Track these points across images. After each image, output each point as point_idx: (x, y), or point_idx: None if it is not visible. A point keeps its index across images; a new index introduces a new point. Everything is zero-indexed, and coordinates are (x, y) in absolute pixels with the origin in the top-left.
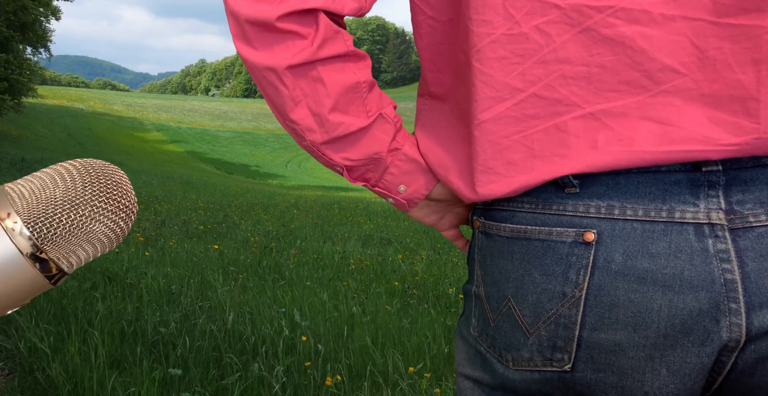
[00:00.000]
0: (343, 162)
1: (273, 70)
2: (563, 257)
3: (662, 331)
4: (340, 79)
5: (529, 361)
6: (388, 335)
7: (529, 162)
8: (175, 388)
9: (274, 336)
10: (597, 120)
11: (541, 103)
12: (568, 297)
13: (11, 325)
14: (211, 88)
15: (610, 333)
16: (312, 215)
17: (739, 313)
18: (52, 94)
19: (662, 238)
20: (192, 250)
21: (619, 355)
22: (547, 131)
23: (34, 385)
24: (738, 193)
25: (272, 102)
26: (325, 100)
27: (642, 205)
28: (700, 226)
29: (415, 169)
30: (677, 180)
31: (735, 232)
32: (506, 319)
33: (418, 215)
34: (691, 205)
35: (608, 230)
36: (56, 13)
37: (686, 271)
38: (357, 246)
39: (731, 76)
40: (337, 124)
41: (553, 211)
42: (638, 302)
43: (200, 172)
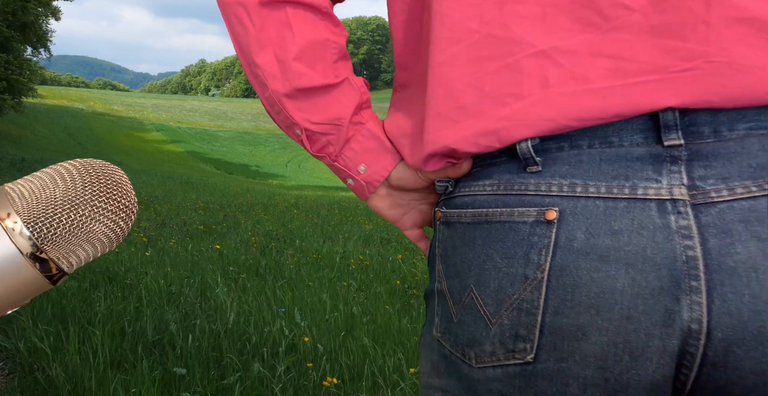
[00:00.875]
0: (303, 123)
1: (242, 5)
2: (525, 238)
3: (625, 313)
4: (310, 31)
5: (492, 355)
6: (388, 335)
7: (479, 104)
8: (176, 388)
9: (274, 336)
10: (548, 57)
11: (495, 44)
12: (530, 280)
13: (11, 325)
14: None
15: (572, 316)
16: (312, 215)
17: (700, 290)
18: (52, 94)
19: (625, 215)
20: (192, 250)
21: (581, 341)
22: (499, 71)
23: (34, 385)
24: (700, 168)
25: (238, 43)
26: (291, 46)
27: (605, 181)
28: (663, 202)
29: (378, 146)
30: (640, 155)
31: (697, 208)
32: (469, 312)
33: (378, 205)
34: (654, 182)
35: (570, 208)
36: (56, 13)
37: (649, 248)
38: (357, 246)
39: (680, 3)
40: (300, 73)
41: (515, 191)
42: (600, 282)
43: (200, 172)
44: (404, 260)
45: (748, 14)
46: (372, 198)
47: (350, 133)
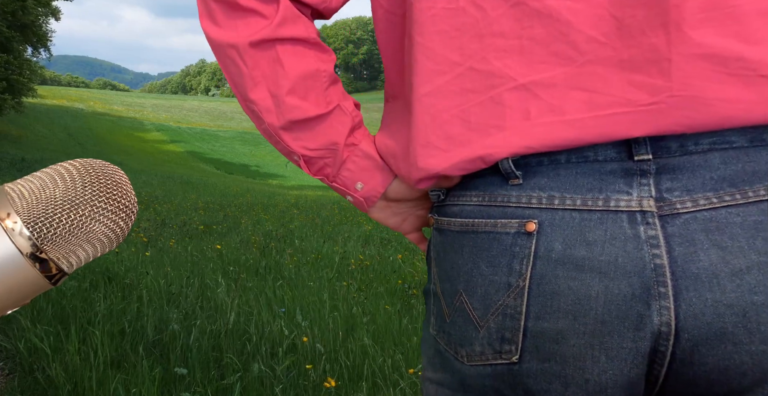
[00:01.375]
0: (301, 150)
1: (235, 47)
2: (507, 248)
3: (600, 318)
4: (300, 64)
5: (481, 354)
6: (388, 335)
7: (466, 135)
8: (176, 388)
9: (274, 336)
10: (528, 91)
11: (478, 77)
12: (513, 287)
13: (11, 325)
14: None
15: (552, 321)
16: (312, 215)
17: (668, 296)
18: (52, 94)
19: (599, 226)
20: (192, 250)
21: (561, 344)
22: (483, 104)
23: (34, 385)
24: (667, 181)
25: (233, 81)
26: (283, 81)
27: (580, 194)
28: (633, 213)
29: (372, 166)
30: (612, 169)
31: (664, 219)
32: (459, 314)
33: (379, 217)
34: (625, 194)
35: (548, 220)
36: (56, 13)
37: (620, 258)
38: (357, 246)
39: (645, 40)
40: (293, 106)
41: (498, 202)
42: (577, 290)
43: (200, 172)
44: (404, 260)
45: (706, 50)
46: (371, 210)
47: (345, 154)
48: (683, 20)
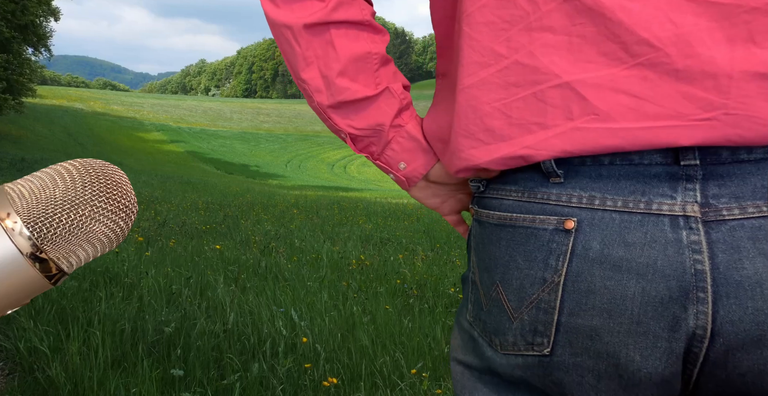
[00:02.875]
0: (348, 129)
1: (290, 28)
2: (545, 244)
3: (635, 318)
4: (352, 46)
5: (513, 345)
6: (388, 335)
7: (507, 130)
8: (176, 388)
9: (274, 336)
10: (572, 90)
11: (523, 71)
12: (548, 282)
13: (11, 325)
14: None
15: (586, 318)
16: (312, 215)
17: (706, 301)
18: (52, 94)
19: (639, 229)
20: (192, 250)
21: (595, 340)
22: (526, 99)
23: (34, 385)
24: (714, 187)
25: (288, 59)
26: (334, 63)
27: (622, 196)
28: (676, 218)
29: (416, 147)
30: (657, 173)
31: (708, 225)
32: (495, 304)
33: (419, 195)
34: (669, 198)
35: (588, 219)
36: (56, 13)
37: (659, 261)
38: (357, 246)
39: (705, 52)
40: (343, 88)
41: (538, 199)
42: (613, 289)
43: (200, 172)
44: (404, 260)
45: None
46: (412, 189)
47: (390, 135)
48: (752, 37)
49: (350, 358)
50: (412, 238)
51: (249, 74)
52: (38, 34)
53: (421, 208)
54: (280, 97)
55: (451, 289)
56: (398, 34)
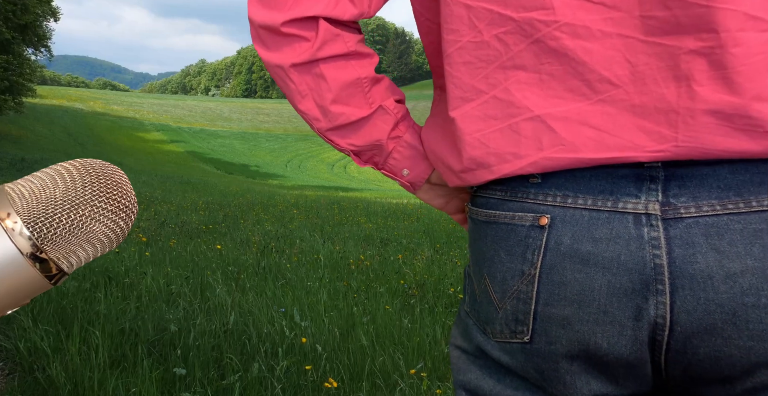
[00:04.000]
0: (349, 147)
1: (281, 68)
2: (522, 239)
3: (602, 308)
4: (341, 75)
5: (501, 333)
6: (388, 335)
7: (485, 159)
8: (176, 388)
9: (274, 336)
10: (543, 123)
11: (500, 105)
12: (526, 275)
13: (11, 325)
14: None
15: (559, 308)
16: (312, 215)
17: (664, 293)
18: (52, 94)
19: (605, 225)
20: (192, 250)
21: (567, 329)
22: (503, 131)
23: (34, 385)
24: (675, 187)
25: (285, 93)
26: (327, 93)
27: (591, 195)
28: (639, 215)
29: (416, 155)
30: (625, 175)
31: (667, 222)
32: (484, 295)
33: (425, 197)
34: (634, 197)
35: (560, 216)
36: (56, 13)
37: (623, 255)
38: (357, 246)
39: (657, 89)
40: (338, 114)
41: (518, 198)
42: (582, 281)
43: (200, 172)
44: (404, 260)
45: (712, 107)
46: (418, 192)
47: (390, 147)
48: (692, 76)
49: (350, 358)
50: (413, 238)
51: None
52: (38, 34)
53: (421, 208)
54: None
55: (451, 289)
56: (398, 34)
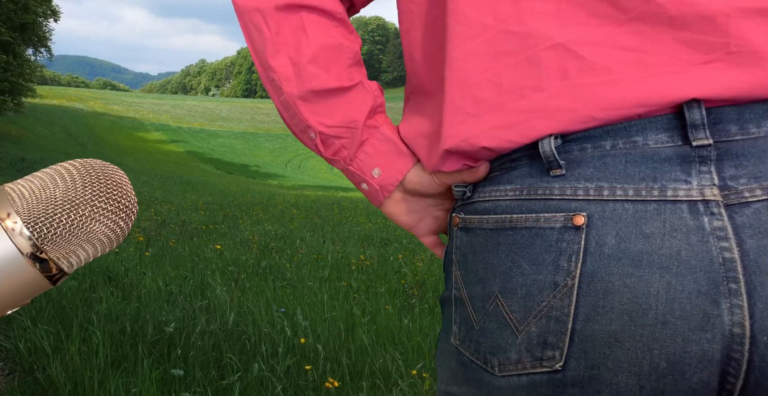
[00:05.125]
0: (318, 126)
1: (260, 11)
2: (553, 244)
3: (660, 318)
4: (324, 35)
5: (518, 363)
6: (388, 335)
7: (497, 98)
8: (176, 388)
9: (274, 336)
10: (567, 50)
11: (512, 39)
12: (560, 287)
13: (11, 325)
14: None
15: (604, 323)
16: (312, 215)
17: (740, 293)
18: (52, 94)
19: (656, 218)
20: (192, 250)
21: (614, 348)
22: (517, 66)
23: (34, 385)
24: (731, 168)
25: (255, 49)
26: (306, 49)
27: (632, 184)
28: (695, 203)
29: (392, 150)
30: (667, 156)
31: (731, 209)
32: (492, 319)
33: (393, 211)
34: (683, 183)
35: (598, 212)
36: (56, 13)
37: (683, 251)
38: (357, 246)
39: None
40: (313, 75)
41: (539, 195)
42: (634, 287)
43: (200, 172)
44: (404, 260)
45: (764, 5)
46: (386, 203)
47: (364, 136)
48: None
49: (350, 358)
50: (413, 238)
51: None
52: (38, 34)
53: None
54: None
55: None
56: (398, 34)
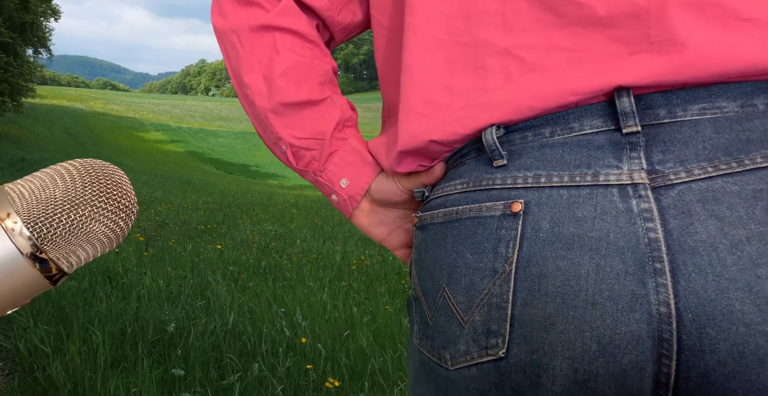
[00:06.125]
0: (288, 138)
1: (235, 32)
2: (493, 231)
3: (590, 299)
4: (296, 55)
5: (466, 354)
6: (388, 335)
7: (448, 100)
8: (176, 388)
9: (275, 335)
10: (511, 54)
11: (462, 49)
12: (499, 273)
13: (11, 325)
14: (211, 88)
15: (540, 307)
16: (312, 215)
17: (664, 272)
18: (52, 94)
19: (588, 202)
20: (192, 250)
21: (549, 331)
22: (466, 71)
23: (34, 385)
24: (659, 153)
25: (231, 67)
26: (277, 65)
27: (567, 171)
28: (624, 187)
29: (359, 161)
30: (600, 144)
31: (657, 191)
32: (442, 313)
33: (363, 222)
34: (615, 168)
35: (535, 199)
36: (56, 12)
37: (612, 233)
38: (357, 246)
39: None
40: (283, 88)
41: (483, 186)
42: (566, 270)
43: (200, 172)
44: None
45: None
46: (356, 214)
47: (333, 148)
48: None
49: (350, 358)
50: None
51: None
52: (38, 35)
53: None
54: None
55: None
56: None
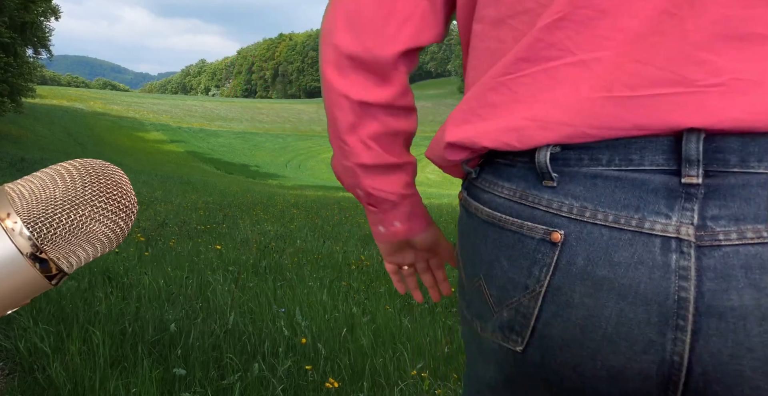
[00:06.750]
0: (368, 188)
1: (348, 98)
2: (530, 252)
3: (607, 337)
4: (392, 124)
5: (492, 333)
6: (388, 335)
7: (510, 106)
8: (176, 388)
9: (275, 335)
10: (585, 66)
11: (534, 48)
12: (530, 290)
13: (11, 325)
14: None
15: (560, 330)
16: (312, 215)
17: (686, 330)
18: (52, 94)
19: (627, 248)
20: (192, 250)
21: (564, 351)
22: (535, 75)
23: (34, 385)
24: (715, 208)
25: (335, 120)
26: (375, 133)
27: (614, 210)
28: (668, 239)
29: (417, 213)
30: (654, 188)
31: (701, 250)
32: (477, 295)
33: (387, 249)
34: (664, 217)
35: (576, 233)
36: (56, 12)
37: (643, 284)
38: (357, 246)
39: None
40: (377, 154)
41: (529, 202)
42: (591, 306)
43: (200, 172)
44: None
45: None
46: (385, 244)
47: (398, 201)
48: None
49: (350, 358)
50: None
51: (249, 74)
52: (38, 35)
53: None
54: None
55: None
56: None
